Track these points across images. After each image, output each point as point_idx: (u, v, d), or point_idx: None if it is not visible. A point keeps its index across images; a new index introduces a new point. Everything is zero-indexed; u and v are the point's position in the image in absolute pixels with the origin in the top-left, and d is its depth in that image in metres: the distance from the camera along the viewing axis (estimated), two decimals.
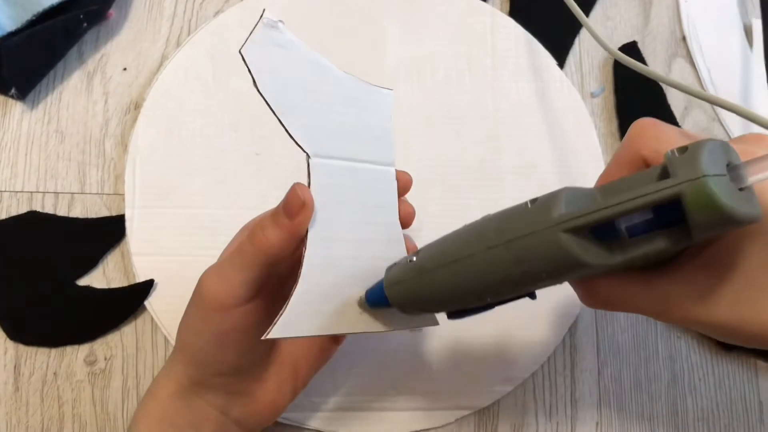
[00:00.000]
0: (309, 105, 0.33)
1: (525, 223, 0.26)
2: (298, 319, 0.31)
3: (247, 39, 0.31)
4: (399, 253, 0.36)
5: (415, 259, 0.31)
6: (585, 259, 0.25)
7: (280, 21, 0.33)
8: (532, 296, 0.30)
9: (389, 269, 0.33)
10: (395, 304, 0.32)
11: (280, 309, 0.36)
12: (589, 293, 0.30)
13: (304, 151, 0.33)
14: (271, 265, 0.33)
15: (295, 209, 0.32)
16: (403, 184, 0.38)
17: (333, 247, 0.33)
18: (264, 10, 0.32)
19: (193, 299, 0.35)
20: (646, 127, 0.28)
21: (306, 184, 0.33)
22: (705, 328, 0.28)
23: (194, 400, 0.36)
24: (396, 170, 0.37)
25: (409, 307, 0.32)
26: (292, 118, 0.32)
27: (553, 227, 0.25)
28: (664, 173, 0.24)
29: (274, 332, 0.30)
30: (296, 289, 0.31)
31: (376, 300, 0.33)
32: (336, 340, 0.40)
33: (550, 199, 0.26)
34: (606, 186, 0.26)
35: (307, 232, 0.32)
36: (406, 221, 0.37)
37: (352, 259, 0.34)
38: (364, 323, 0.34)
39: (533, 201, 0.26)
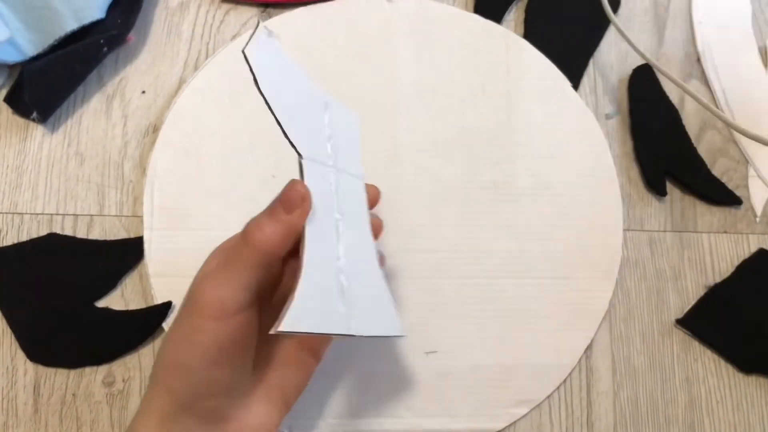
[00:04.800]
0: (301, 111, 0.35)
1: None
2: (304, 314, 0.30)
3: (248, 41, 0.32)
4: (370, 259, 0.38)
5: None
6: None
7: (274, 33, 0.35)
8: None
9: None
10: None
11: (272, 318, 0.36)
12: None
13: (298, 152, 0.33)
14: (269, 265, 0.33)
15: (295, 203, 0.32)
16: (372, 197, 0.40)
17: (326, 247, 0.34)
18: (258, 21, 0.35)
19: (185, 311, 0.33)
20: None
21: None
22: None
23: None
24: (365, 184, 0.39)
25: None
26: (287, 118, 0.33)
27: None
28: None
29: (284, 325, 0.29)
30: (300, 284, 0.31)
31: None
32: (316, 357, 0.38)
33: None
34: None
35: (304, 228, 0.32)
36: (375, 232, 0.39)
37: (340, 259, 0.34)
38: (356, 327, 0.33)
39: None
